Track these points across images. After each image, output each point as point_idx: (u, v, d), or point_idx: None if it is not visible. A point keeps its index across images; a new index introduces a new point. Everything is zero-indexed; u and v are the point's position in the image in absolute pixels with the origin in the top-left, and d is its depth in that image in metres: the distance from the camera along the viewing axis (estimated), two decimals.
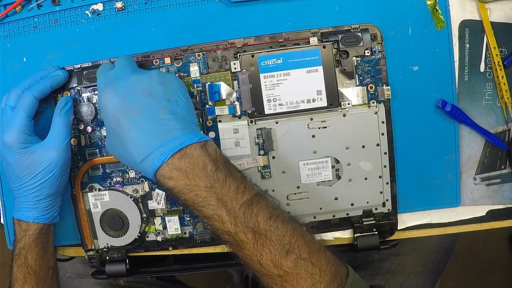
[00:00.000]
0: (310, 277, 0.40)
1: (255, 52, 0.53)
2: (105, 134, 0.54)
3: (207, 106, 0.53)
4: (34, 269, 0.51)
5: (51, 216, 0.52)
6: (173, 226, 0.56)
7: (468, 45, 0.54)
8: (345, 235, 0.57)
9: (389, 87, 0.53)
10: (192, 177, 0.41)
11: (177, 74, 0.53)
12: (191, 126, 0.44)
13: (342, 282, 0.41)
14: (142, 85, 0.44)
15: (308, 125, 0.53)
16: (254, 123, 0.53)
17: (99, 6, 0.54)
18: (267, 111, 0.53)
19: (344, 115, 0.53)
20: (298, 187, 0.55)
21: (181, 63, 0.53)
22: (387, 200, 0.55)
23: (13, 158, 0.49)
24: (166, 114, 0.43)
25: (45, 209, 0.51)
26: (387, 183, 0.55)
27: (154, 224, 0.56)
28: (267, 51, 0.53)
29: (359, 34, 0.52)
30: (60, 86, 0.53)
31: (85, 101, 0.54)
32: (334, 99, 0.53)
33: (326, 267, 0.41)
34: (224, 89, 0.53)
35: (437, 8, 0.53)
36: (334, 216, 0.56)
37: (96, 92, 0.54)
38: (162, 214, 0.56)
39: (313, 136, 0.54)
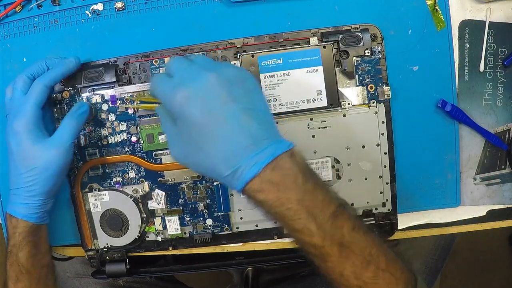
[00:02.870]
0: (386, 286, 0.40)
1: (255, 52, 0.52)
2: (104, 134, 0.54)
3: None
4: (26, 267, 0.50)
5: (39, 216, 0.51)
6: (173, 226, 0.56)
7: (468, 45, 0.54)
8: None
9: (389, 87, 0.53)
10: (283, 189, 0.39)
11: None
12: (275, 131, 0.41)
13: None
14: (222, 87, 0.40)
15: (308, 125, 0.53)
16: None
17: (99, 6, 0.54)
18: None
19: (344, 115, 0.53)
20: None
21: None
22: (387, 200, 0.55)
23: (16, 147, 0.49)
24: (250, 121, 0.39)
25: (35, 207, 0.50)
26: (387, 183, 0.54)
27: (154, 224, 0.56)
28: (267, 51, 0.53)
29: (359, 34, 0.52)
30: (72, 73, 0.52)
31: (85, 101, 0.54)
32: (334, 99, 0.53)
33: (400, 275, 0.41)
34: None
35: (437, 8, 0.53)
36: None
37: (95, 92, 0.54)
38: (162, 214, 0.56)
39: (313, 136, 0.54)
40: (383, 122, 0.53)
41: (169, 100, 0.40)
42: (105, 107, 0.54)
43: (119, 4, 0.54)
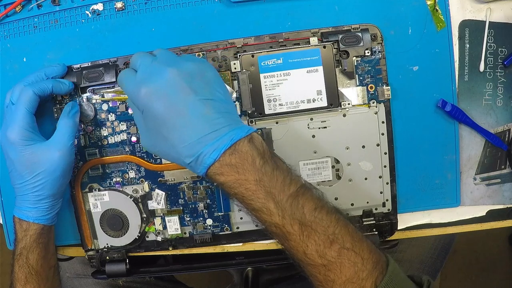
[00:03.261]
0: (352, 266, 0.40)
1: (255, 52, 0.53)
2: (105, 134, 0.54)
3: None
4: (36, 269, 0.51)
5: (51, 217, 0.52)
6: (173, 226, 0.56)
7: (468, 45, 0.54)
8: None
9: (389, 87, 0.53)
10: (242, 171, 0.41)
11: None
12: (235, 118, 0.43)
13: (383, 269, 0.41)
14: (183, 81, 0.42)
15: (308, 125, 0.53)
16: (254, 123, 0.53)
17: (99, 6, 0.54)
18: (267, 111, 0.53)
19: (344, 115, 0.53)
20: None
21: None
22: (387, 200, 0.55)
23: (15, 155, 0.49)
24: (210, 110, 0.42)
25: (46, 209, 0.51)
26: (387, 183, 0.55)
27: (154, 224, 0.56)
28: (267, 51, 0.53)
29: (359, 34, 0.52)
30: (61, 94, 0.53)
31: (85, 101, 0.54)
32: (334, 99, 0.53)
33: (368, 255, 0.41)
34: None
35: (437, 8, 0.53)
36: None
37: (95, 92, 0.54)
38: (162, 214, 0.56)
39: (313, 136, 0.54)
40: (383, 122, 0.53)
41: (134, 96, 0.43)
42: (105, 107, 0.54)
43: (119, 4, 0.54)
